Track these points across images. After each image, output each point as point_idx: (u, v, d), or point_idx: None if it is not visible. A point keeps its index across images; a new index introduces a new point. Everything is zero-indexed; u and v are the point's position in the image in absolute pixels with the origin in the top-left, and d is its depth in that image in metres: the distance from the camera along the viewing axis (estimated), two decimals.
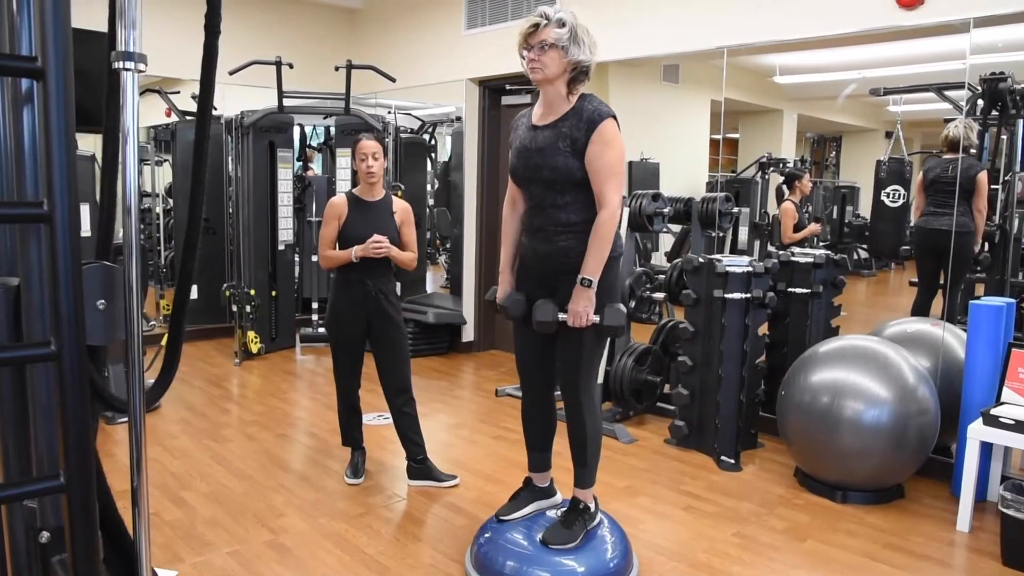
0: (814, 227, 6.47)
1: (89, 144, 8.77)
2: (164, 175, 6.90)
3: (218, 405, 4.59)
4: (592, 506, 2.68)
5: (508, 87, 5.77)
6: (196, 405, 4.58)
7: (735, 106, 8.04)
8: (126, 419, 4.14)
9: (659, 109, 7.11)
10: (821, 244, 9.66)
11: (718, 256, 3.85)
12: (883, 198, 5.72)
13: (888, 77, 5.69)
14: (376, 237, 3.17)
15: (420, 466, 3.43)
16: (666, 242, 7.07)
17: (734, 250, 7.47)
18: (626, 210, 4.21)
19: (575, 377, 2.54)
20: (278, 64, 5.20)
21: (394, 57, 6.45)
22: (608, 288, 2.50)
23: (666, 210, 4.26)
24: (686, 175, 6.91)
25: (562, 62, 2.39)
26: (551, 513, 2.75)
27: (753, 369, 3.86)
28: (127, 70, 1.59)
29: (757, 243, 7.51)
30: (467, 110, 5.86)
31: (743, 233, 8.20)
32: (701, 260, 3.85)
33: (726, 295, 3.69)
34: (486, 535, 2.73)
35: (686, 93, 7.41)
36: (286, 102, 5.55)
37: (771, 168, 7.69)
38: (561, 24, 2.38)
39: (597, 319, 2.43)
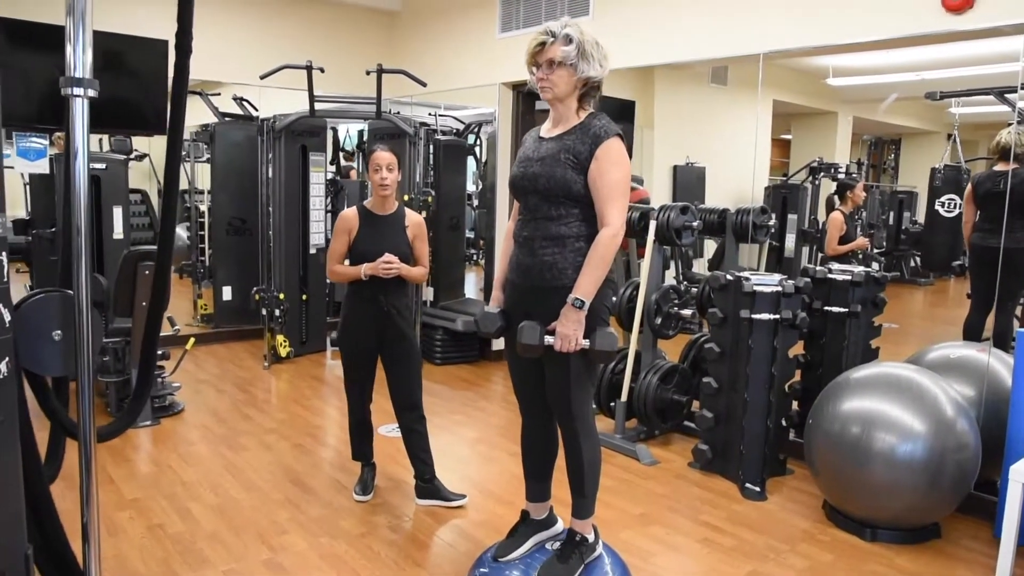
0: (861, 241, 6.20)
1: (142, 145, 8.93)
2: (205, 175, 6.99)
3: (240, 411, 4.59)
4: (591, 537, 2.55)
5: None
6: (219, 410, 4.59)
7: (787, 108, 7.76)
8: (149, 423, 4.14)
9: (706, 112, 6.90)
10: (875, 251, 9.29)
11: (746, 274, 3.67)
12: (937, 207, 5.43)
13: (947, 79, 5.39)
14: (387, 257, 3.08)
15: (428, 485, 3.35)
16: (710, 248, 6.87)
17: (776, 263, 7.22)
18: (653, 223, 4.06)
19: (567, 403, 2.42)
20: (308, 68, 5.17)
21: (429, 60, 6.39)
22: (602, 309, 2.38)
23: (695, 223, 4.08)
24: (736, 179, 6.69)
25: (571, 80, 2.31)
26: (551, 545, 2.64)
27: (782, 393, 3.67)
28: (76, 96, 1.54)
29: (805, 251, 7.24)
30: (500, 114, 5.76)
31: (790, 240, 7.92)
32: (729, 277, 3.68)
33: (753, 315, 3.51)
34: (482, 570, 2.63)
35: (738, 95, 7.16)
36: (318, 106, 5.53)
37: (822, 173, 7.40)
38: (568, 41, 2.28)
39: (587, 344, 2.30)
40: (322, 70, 5.28)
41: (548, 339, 2.31)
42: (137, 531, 3.03)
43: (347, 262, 3.22)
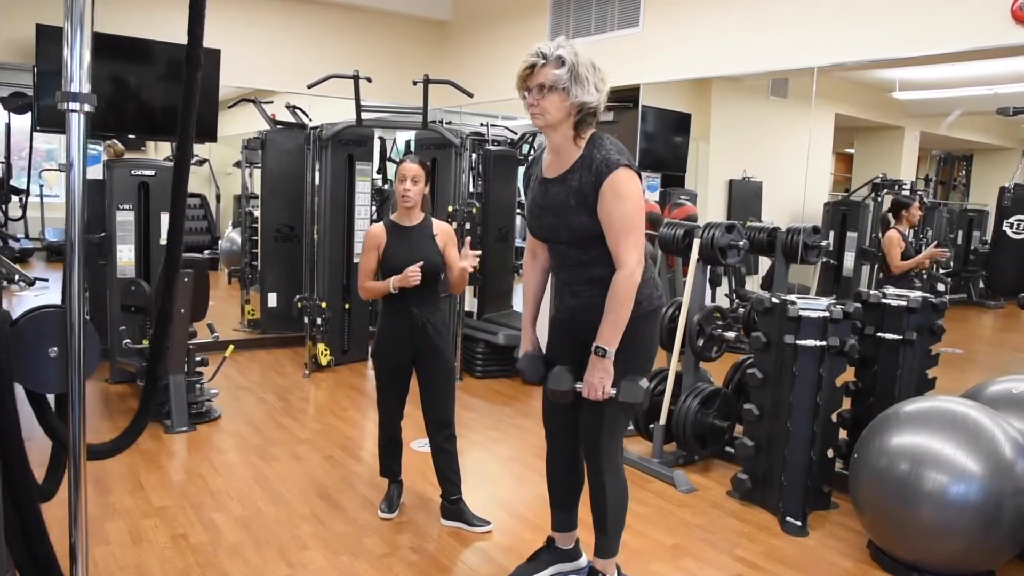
0: (934, 251, 5.94)
1: (202, 150, 9.14)
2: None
3: (276, 419, 4.60)
4: None
5: None
6: (255, 418, 4.60)
7: (850, 122, 7.49)
8: (185, 429, 4.17)
9: (765, 125, 6.70)
10: (942, 272, 8.89)
11: (793, 297, 3.50)
12: (1006, 228, 5.17)
13: (1021, 94, 5.12)
14: (411, 269, 3.03)
15: (453, 506, 3.28)
16: (766, 264, 6.65)
17: (834, 283, 6.94)
18: (696, 241, 3.92)
19: (596, 443, 2.32)
20: (355, 78, 5.18)
21: (479, 69, 6.35)
22: (640, 349, 2.27)
23: (741, 243, 3.92)
24: (794, 195, 6.48)
25: (564, 105, 2.15)
26: None
27: (827, 423, 3.48)
28: (72, 111, 1.51)
29: (865, 270, 6.94)
30: None
31: (849, 260, 7.63)
32: (775, 300, 3.51)
33: (798, 341, 3.34)
34: None
35: (799, 108, 6.94)
36: (366, 115, 5.54)
37: (885, 190, 7.11)
38: (560, 63, 2.13)
39: (614, 392, 2.20)
40: (369, 80, 5.29)
41: (578, 386, 2.25)
42: (160, 540, 3.03)
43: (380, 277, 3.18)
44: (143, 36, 5.34)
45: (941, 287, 8.36)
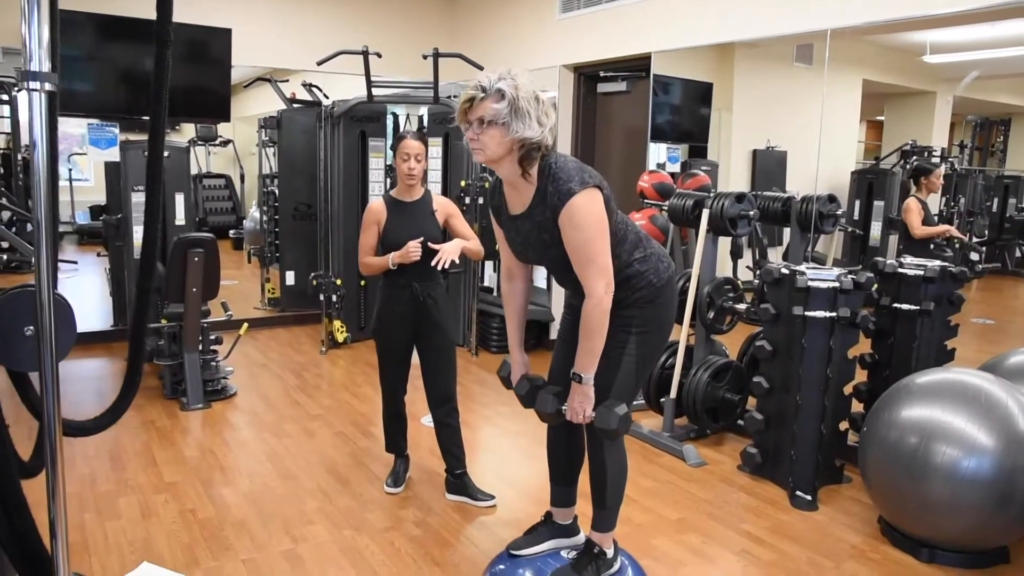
0: (953, 231, 5.78)
1: (226, 131, 9.15)
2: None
3: (291, 396, 4.64)
4: (610, 552, 2.42)
5: (603, 74, 5.46)
6: (270, 395, 4.65)
7: (880, 88, 7.28)
8: (201, 406, 4.22)
9: (790, 93, 6.53)
10: (975, 241, 8.65)
11: (802, 267, 3.42)
12: None
13: None
14: (412, 244, 3.02)
15: (458, 480, 3.29)
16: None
17: (860, 253, 6.78)
18: (706, 211, 3.84)
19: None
20: (365, 53, 5.14)
21: (489, 43, 6.27)
22: (658, 325, 2.31)
23: (752, 212, 3.84)
24: (821, 164, 6.33)
25: (504, 141, 2.05)
26: (567, 554, 2.52)
27: (839, 396, 3.41)
28: (33, 91, 1.50)
29: (893, 240, 6.78)
30: (561, 98, 5.59)
31: (875, 229, 7.46)
32: (784, 271, 3.43)
33: (807, 313, 3.27)
34: (499, 567, 2.55)
35: (825, 75, 6.78)
36: (378, 91, 5.51)
37: (914, 157, 6.92)
38: (500, 97, 2.03)
39: (593, 416, 2.22)
40: (379, 55, 5.24)
41: (564, 407, 2.28)
42: (169, 515, 3.08)
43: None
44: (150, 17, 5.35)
45: (975, 256, 8.14)
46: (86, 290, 7.30)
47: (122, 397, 1.85)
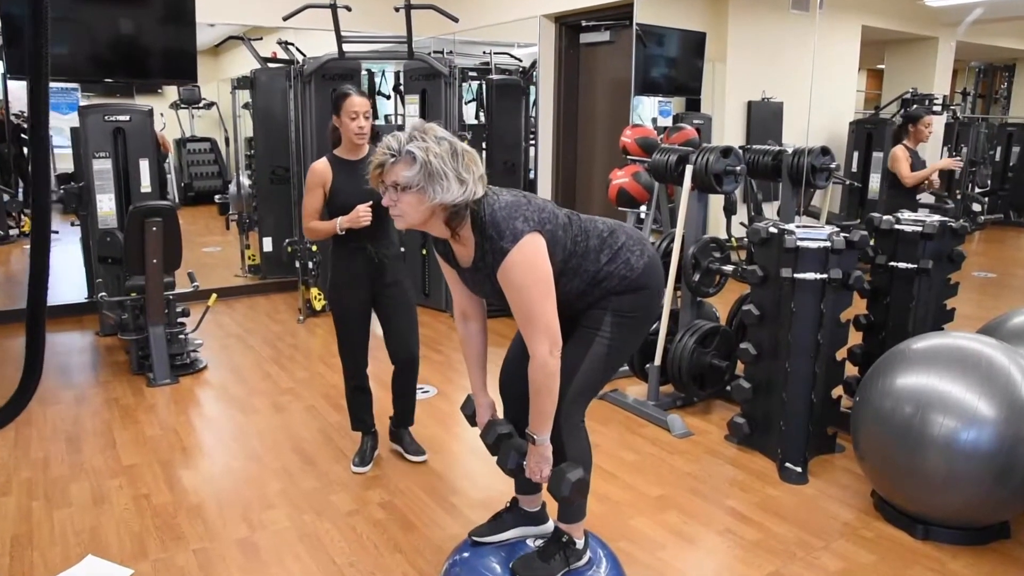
0: (948, 161, 5.55)
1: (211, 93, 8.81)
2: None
3: (263, 368, 4.46)
4: (579, 542, 2.25)
5: (586, 23, 5.17)
6: (242, 367, 4.47)
7: (880, 35, 6.96)
8: (168, 381, 4.03)
9: (787, 42, 6.23)
10: (977, 191, 8.37)
11: (791, 226, 3.19)
12: None
13: None
14: (361, 208, 2.82)
15: (396, 430, 3.33)
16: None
17: (858, 207, 6.54)
18: (689, 168, 3.60)
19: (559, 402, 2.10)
20: (333, 7, 4.86)
21: None
22: (634, 324, 2.14)
23: (739, 168, 3.60)
24: (818, 115, 6.04)
25: (422, 207, 1.87)
26: (533, 542, 2.35)
27: (831, 363, 3.21)
28: None
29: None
30: (542, 49, 5.32)
31: (874, 181, 7.19)
32: (772, 230, 3.21)
33: (796, 275, 3.05)
34: (463, 554, 2.38)
35: (823, 22, 6.45)
36: (350, 47, 5.23)
37: (914, 106, 6.63)
38: (411, 160, 1.82)
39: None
40: (348, 8, 4.96)
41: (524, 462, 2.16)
42: (122, 501, 2.92)
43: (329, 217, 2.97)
44: None
45: (977, 207, 7.88)
46: (61, 261, 7.09)
47: (19, 393, 1.64)
